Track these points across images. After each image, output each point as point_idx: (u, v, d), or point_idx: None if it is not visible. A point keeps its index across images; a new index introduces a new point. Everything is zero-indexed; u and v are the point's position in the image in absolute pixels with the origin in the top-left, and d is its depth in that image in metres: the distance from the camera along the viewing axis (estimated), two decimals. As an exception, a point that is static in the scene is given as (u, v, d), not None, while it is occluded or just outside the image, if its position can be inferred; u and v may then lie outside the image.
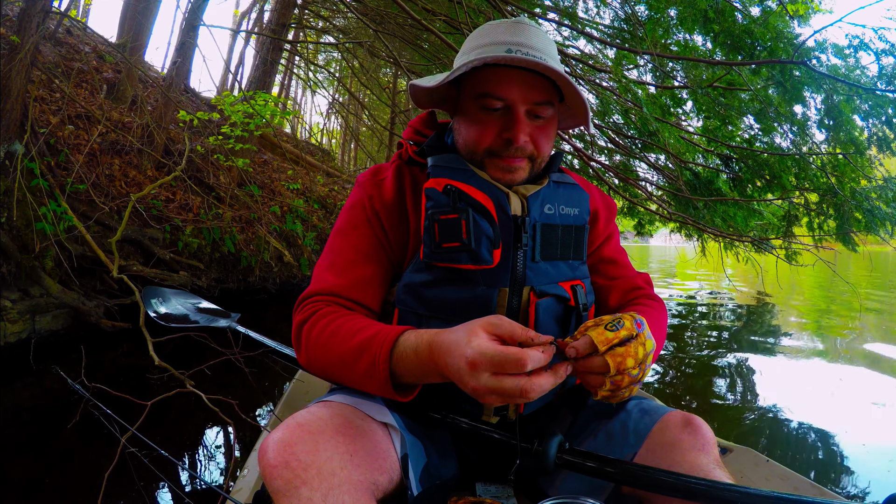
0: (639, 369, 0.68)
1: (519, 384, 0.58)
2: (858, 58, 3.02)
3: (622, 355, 0.66)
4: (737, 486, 0.66)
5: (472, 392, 0.61)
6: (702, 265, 13.45)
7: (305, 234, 6.14)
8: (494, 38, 0.82)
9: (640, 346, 0.69)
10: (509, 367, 0.59)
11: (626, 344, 0.67)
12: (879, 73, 2.99)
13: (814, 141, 3.71)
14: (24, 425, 2.17)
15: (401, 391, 0.72)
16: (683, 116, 4.38)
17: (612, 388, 0.68)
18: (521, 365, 0.59)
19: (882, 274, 14.43)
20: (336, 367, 0.76)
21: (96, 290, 3.68)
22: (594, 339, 0.66)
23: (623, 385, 0.68)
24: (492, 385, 0.58)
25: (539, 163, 0.87)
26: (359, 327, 0.75)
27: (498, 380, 0.58)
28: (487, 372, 0.59)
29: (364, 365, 0.71)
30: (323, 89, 11.30)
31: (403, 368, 0.69)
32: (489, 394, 0.60)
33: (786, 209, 4.00)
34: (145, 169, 4.81)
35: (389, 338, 0.70)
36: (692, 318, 5.78)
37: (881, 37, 2.90)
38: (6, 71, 3.03)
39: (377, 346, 0.70)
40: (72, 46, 5.99)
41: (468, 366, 0.59)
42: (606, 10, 4.43)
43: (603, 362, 0.66)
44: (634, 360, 0.67)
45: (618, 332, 0.67)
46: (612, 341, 0.66)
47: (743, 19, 3.18)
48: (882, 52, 2.92)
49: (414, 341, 0.69)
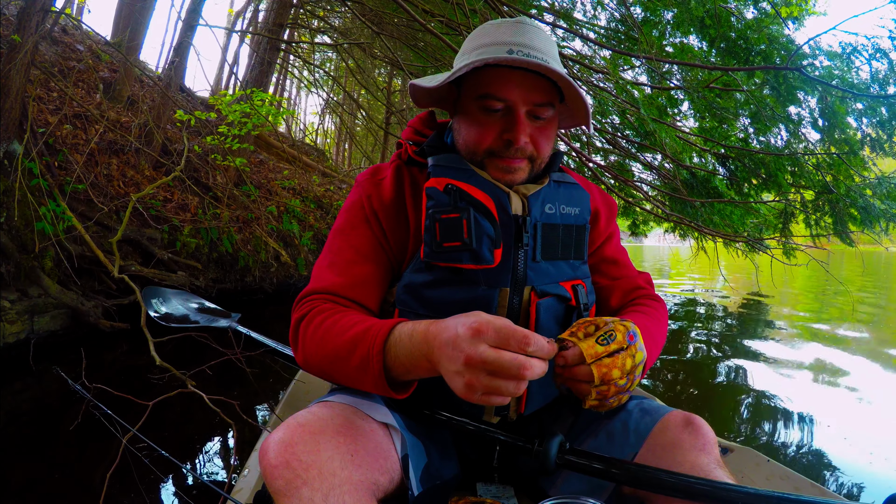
0: (626, 379, 0.70)
1: (518, 359, 0.56)
2: (852, 62, 3.06)
3: (608, 366, 0.68)
4: (737, 487, 0.66)
5: (464, 363, 0.57)
6: (696, 268, 13.54)
7: (302, 233, 6.13)
8: (495, 38, 0.82)
9: (628, 358, 0.70)
10: (513, 343, 0.57)
11: (613, 355, 0.68)
12: (872, 77, 3.04)
13: (809, 140, 3.74)
14: (25, 426, 2.16)
15: (396, 388, 0.71)
16: (679, 117, 4.40)
17: (598, 397, 0.69)
18: (526, 343, 0.57)
19: (874, 274, 14.53)
20: (331, 362, 0.76)
21: (94, 290, 3.67)
22: (584, 351, 0.68)
23: (609, 395, 0.69)
24: (489, 356, 0.56)
25: (539, 163, 0.87)
26: (353, 322, 0.75)
27: (497, 353, 0.56)
28: (489, 343, 0.57)
29: (357, 358, 0.70)
30: (318, 89, 11.26)
31: (395, 358, 0.68)
32: (480, 367, 0.56)
33: (781, 208, 4.02)
34: (143, 169, 4.79)
35: (384, 329, 0.70)
36: (690, 318, 5.80)
37: (874, 45, 2.96)
38: (6, 70, 3.02)
39: (371, 338, 0.70)
40: (67, 45, 5.95)
41: (470, 331, 0.57)
42: (603, 13, 4.45)
43: (588, 371, 0.67)
44: (621, 371, 0.69)
45: (608, 347, 0.68)
46: (600, 355, 0.68)
47: (738, 24, 3.21)
48: (874, 57, 2.97)
49: (410, 328, 0.68)
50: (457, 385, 0.59)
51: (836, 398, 2.89)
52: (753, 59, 3.14)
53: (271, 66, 6.50)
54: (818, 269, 4.29)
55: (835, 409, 2.70)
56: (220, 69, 13.17)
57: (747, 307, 6.96)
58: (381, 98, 9.83)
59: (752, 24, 3.27)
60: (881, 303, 7.55)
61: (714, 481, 0.68)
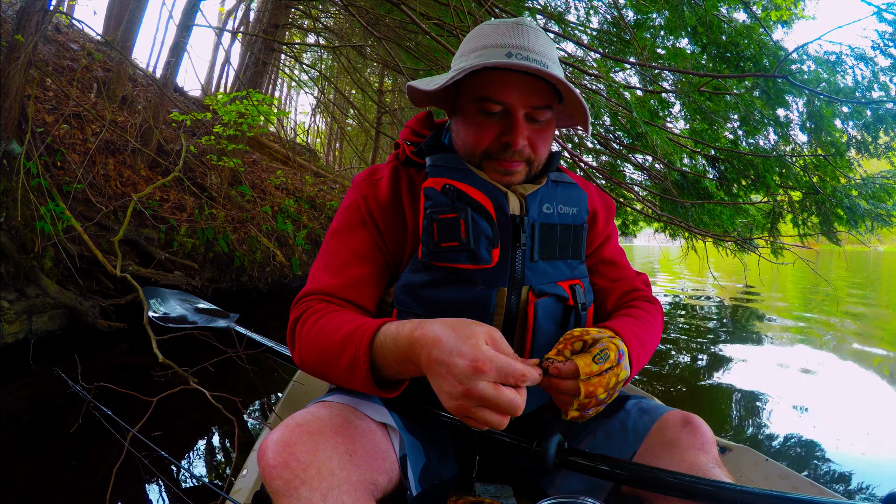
0: (606, 394, 0.71)
1: (515, 399, 0.57)
2: (837, 68, 3.13)
3: (595, 385, 0.69)
4: (736, 486, 0.66)
5: (462, 395, 0.57)
6: (686, 269, 13.66)
7: (296, 233, 6.10)
8: (494, 40, 0.81)
9: (613, 377, 0.71)
10: (510, 380, 0.57)
11: (602, 374, 0.70)
12: (855, 84, 3.11)
13: (797, 142, 3.80)
14: (25, 426, 2.15)
15: (387, 387, 0.71)
16: (670, 119, 4.45)
17: (579, 408, 0.70)
18: (524, 380, 0.58)
19: (860, 271, 14.74)
20: (323, 362, 0.75)
21: (92, 290, 3.66)
22: (580, 368, 0.68)
23: (589, 407, 0.70)
24: (489, 393, 0.56)
25: (536, 165, 0.87)
26: (343, 322, 0.74)
27: (497, 389, 0.56)
28: (489, 380, 0.57)
29: (346, 359, 0.70)
30: (309, 88, 11.20)
31: (382, 359, 0.68)
32: (478, 401, 0.56)
33: (769, 208, 4.08)
34: (139, 169, 4.77)
35: (370, 330, 0.69)
36: (684, 317, 5.85)
37: (857, 56, 3.04)
38: (6, 70, 2.99)
39: (358, 338, 0.69)
40: (61, 44, 5.88)
41: (471, 368, 0.56)
42: (595, 16, 4.48)
43: (576, 387, 0.68)
44: (605, 388, 0.70)
45: (602, 366, 0.70)
46: (594, 373, 0.69)
47: (729, 29, 3.26)
48: (857, 65, 3.06)
49: (394, 331, 0.67)
50: (447, 404, 0.59)
51: (836, 398, 2.91)
52: (744, 64, 3.19)
53: (266, 66, 6.47)
54: (809, 269, 4.35)
55: (835, 409, 2.71)
56: (212, 69, 13.07)
57: (740, 306, 7.02)
58: (373, 95, 9.80)
59: (742, 29, 3.32)
60: (869, 295, 7.66)
61: (713, 480, 0.68)
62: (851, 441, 2.23)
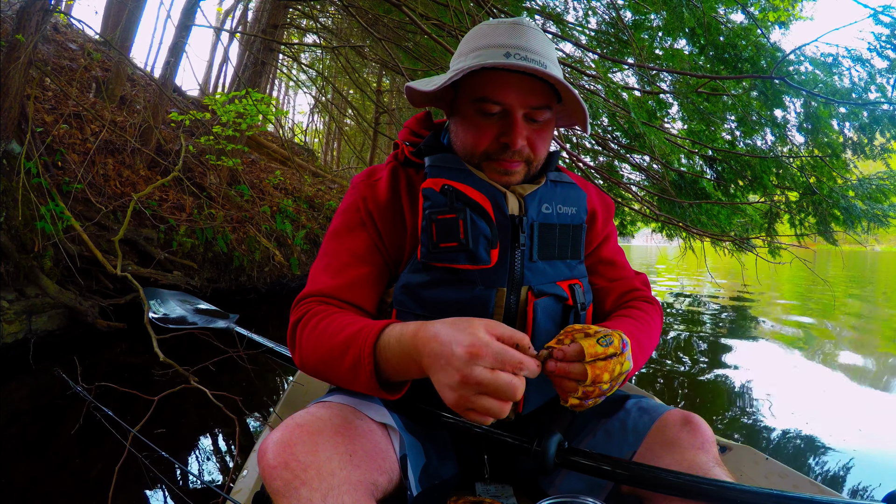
0: (609, 385, 0.70)
1: (513, 381, 0.58)
2: (834, 69, 3.15)
3: (601, 369, 0.68)
4: (736, 485, 0.67)
5: (460, 382, 0.58)
6: (684, 268, 13.67)
7: (295, 233, 6.10)
8: (492, 40, 0.81)
9: (618, 365, 0.70)
10: (507, 366, 0.59)
11: (608, 359, 0.69)
12: (852, 86, 3.13)
13: (794, 143, 3.81)
14: (25, 426, 2.14)
15: (389, 388, 0.71)
16: (668, 119, 4.46)
17: (582, 396, 0.69)
18: (520, 367, 0.60)
19: (856, 269, 14.77)
20: (325, 364, 0.75)
21: (91, 290, 3.66)
22: (585, 349, 0.68)
23: (592, 395, 0.69)
24: (485, 378, 0.57)
25: (535, 165, 0.87)
26: (346, 323, 0.74)
27: (494, 374, 0.58)
28: (485, 364, 0.58)
29: (350, 360, 0.70)
30: (307, 88, 11.17)
31: (386, 361, 0.68)
32: (476, 387, 0.58)
33: (766, 208, 4.10)
34: (138, 169, 4.77)
35: (374, 331, 0.70)
36: (682, 317, 5.86)
37: (854, 57, 3.06)
38: (5, 70, 2.98)
39: (362, 340, 0.70)
40: (59, 43, 5.86)
41: (467, 353, 0.58)
42: (593, 17, 4.48)
43: (583, 370, 0.67)
44: (610, 375, 0.69)
45: (606, 349, 0.69)
46: (599, 356, 0.68)
47: (726, 30, 3.27)
48: (854, 67, 3.08)
49: (398, 331, 0.68)
50: (447, 398, 0.61)
51: (836, 397, 2.91)
52: (741, 65, 3.20)
53: (265, 66, 6.46)
54: (811, 269, 4.37)
55: (833, 407, 2.71)
56: (209, 68, 13.04)
57: (738, 305, 7.03)
58: (372, 95, 9.79)
59: (740, 30, 3.33)
60: (866, 294, 7.68)
61: (713, 480, 0.69)
62: (854, 439, 2.23)
